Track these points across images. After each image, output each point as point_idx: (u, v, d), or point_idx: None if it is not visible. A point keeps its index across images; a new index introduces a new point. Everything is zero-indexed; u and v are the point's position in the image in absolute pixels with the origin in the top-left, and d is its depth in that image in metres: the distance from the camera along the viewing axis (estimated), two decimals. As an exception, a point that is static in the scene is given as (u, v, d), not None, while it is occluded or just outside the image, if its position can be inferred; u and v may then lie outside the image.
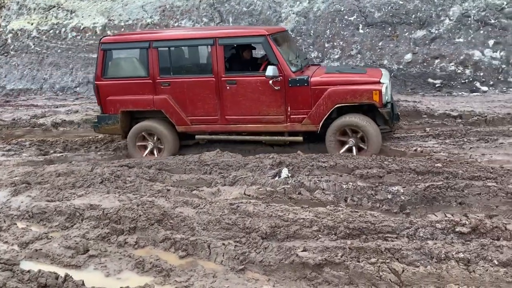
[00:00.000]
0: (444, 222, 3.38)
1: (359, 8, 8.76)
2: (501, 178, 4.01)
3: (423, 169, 4.35)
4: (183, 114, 5.41)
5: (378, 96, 4.94)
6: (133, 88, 5.49)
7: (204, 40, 5.36)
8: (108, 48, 5.56)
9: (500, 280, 2.74)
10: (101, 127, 5.70)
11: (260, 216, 3.62)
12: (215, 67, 5.25)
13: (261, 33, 5.21)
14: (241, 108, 5.28)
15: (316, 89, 5.10)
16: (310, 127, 5.20)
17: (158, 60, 5.38)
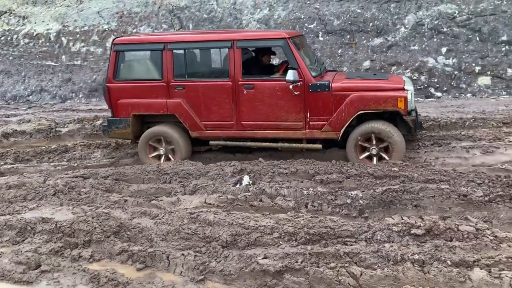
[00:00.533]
0: (400, 224, 3.46)
1: (318, 16, 8.95)
2: (453, 181, 4.17)
3: (381, 173, 4.45)
4: (197, 119, 5.22)
5: (403, 103, 4.77)
6: (146, 91, 5.29)
7: (222, 42, 5.17)
8: (121, 49, 5.33)
9: (454, 280, 2.82)
10: (112, 131, 5.45)
11: (221, 225, 3.57)
12: (232, 70, 5.08)
13: (281, 36, 5.04)
14: (258, 113, 5.09)
15: (338, 95, 4.92)
16: (330, 134, 5.01)
17: (172, 62, 5.19)
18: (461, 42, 8.23)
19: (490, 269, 2.88)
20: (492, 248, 3.07)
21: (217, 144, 5.40)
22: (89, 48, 9.78)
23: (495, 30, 8.03)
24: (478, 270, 2.87)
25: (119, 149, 6.07)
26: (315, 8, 8.81)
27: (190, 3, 9.20)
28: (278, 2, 8.83)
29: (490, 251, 3.05)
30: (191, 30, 9.26)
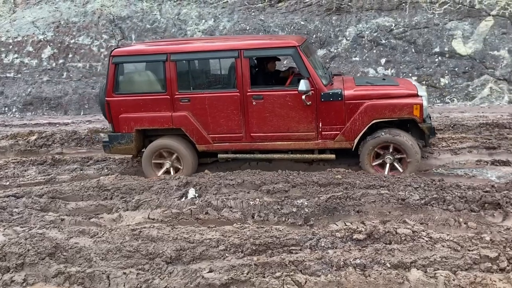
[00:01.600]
0: (343, 230, 3.55)
1: (263, 28, 9.09)
2: (392, 186, 4.34)
3: (325, 181, 4.55)
4: (204, 132, 5.00)
5: (419, 110, 4.64)
6: (149, 104, 5.01)
7: (228, 52, 4.92)
8: (120, 61, 5.02)
9: (392, 282, 2.92)
10: (113, 147, 5.14)
11: (165, 240, 3.48)
12: (239, 81, 4.86)
13: (291, 44, 4.80)
14: (268, 124, 4.92)
15: (351, 104, 4.76)
16: (344, 144, 4.87)
17: (176, 74, 4.94)
18: (398, 53, 8.67)
19: (426, 269, 3.02)
20: (427, 249, 3.22)
21: (226, 157, 5.21)
22: (23, 60, 9.27)
23: (429, 42, 8.54)
24: (415, 270, 3.00)
25: (56, 166, 5.75)
26: (260, 20, 8.94)
27: (132, 13, 9.01)
28: (223, 13, 8.87)
29: (426, 251, 3.20)
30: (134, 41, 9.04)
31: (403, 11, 8.78)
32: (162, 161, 5.16)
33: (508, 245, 3.12)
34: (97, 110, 8.26)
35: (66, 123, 8.05)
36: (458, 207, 3.85)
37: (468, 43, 8.27)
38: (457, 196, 3.97)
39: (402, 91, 4.83)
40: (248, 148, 5.06)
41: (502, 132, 5.89)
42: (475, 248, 3.14)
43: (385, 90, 4.86)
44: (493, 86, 8.03)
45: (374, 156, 4.84)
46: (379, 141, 4.76)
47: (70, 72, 9.36)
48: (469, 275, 2.89)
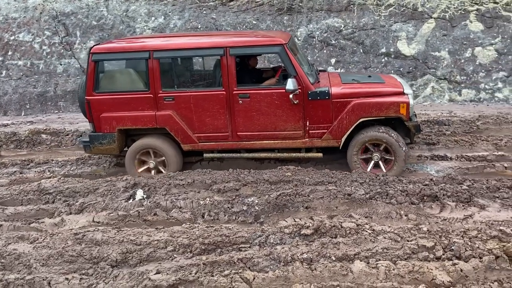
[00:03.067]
0: (291, 226, 3.61)
1: (215, 26, 9.05)
2: (339, 182, 4.47)
3: (276, 179, 4.61)
4: (190, 131, 4.89)
5: (406, 109, 4.67)
6: (131, 103, 4.83)
7: (213, 50, 4.79)
8: (100, 59, 4.81)
9: (337, 274, 3.02)
10: (94, 147, 4.94)
11: (110, 243, 3.38)
12: (225, 79, 4.76)
13: (278, 42, 4.70)
14: (255, 123, 4.85)
15: (338, 102, 4.75)
16: (331, 142, 4.86)
17: (159, 72, 4.76)
18: (347, 53, 8.93)
19: (369, 260, 3.14)
20: (370, 241, 3.35)
21: (212, 157, 5.13)
22: (-44, 58, 8.68)
23: (376, 43, 8.87)
24: (358, 262, 3.11)
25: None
26: (212, 18, 8.90)
27: (76, 9, 8.67)
28: (173, 11, 8.74)
29: (369, 243, 3.32)
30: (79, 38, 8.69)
31: (351, 13, 9.06)
32: (146, 159, 5.03)
33: (443, 235, 3.31)
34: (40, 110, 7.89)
35: (5, 124, 7.62)
36: (399, 200, 4.04)
37: (412, 44, 8.66)
38: (399, 190, 4.16)
39: (388, 89, 4.84)
40: (235, 147, 5.01)
41: (441, 129, 6.23)
42: (413, 238, 3.30)
43: (372, 88, 4.87)
44: (435, 85, 8.47)
45: (362, 152, 4.87)
46: (366, 139, 4.77)
47: (9, 70, 8.87)
48: (408, 264, 3.03)
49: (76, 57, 8.82)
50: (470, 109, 7.34)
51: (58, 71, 8.99)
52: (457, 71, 8.28)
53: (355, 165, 4.86)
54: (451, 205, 3.90)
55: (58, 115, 8.42)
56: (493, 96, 7.99)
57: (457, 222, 3.67)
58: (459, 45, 8.40)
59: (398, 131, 4.85)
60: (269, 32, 5.51)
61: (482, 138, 5.67)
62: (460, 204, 3.92)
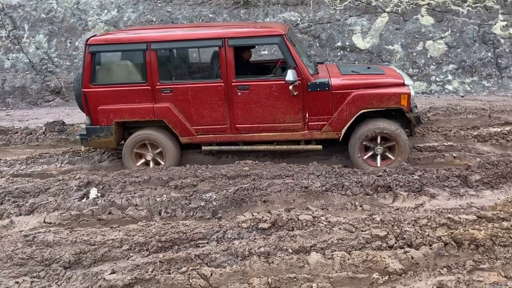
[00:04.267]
0: (249, 221, 3.62)
1: (171, 20, 8.88)
2: (297, 175, 4.53)
3: (233, 173, 4.60)
4: (188, 123, 4.83)
5: (407, 100, 4.63)
6: (129, 95, 4.76)
7: (211, 41, 4.71)
8: (96, 50, 4.72)
9: (294, 266, 3.06)
10: (92, 140, 4.88)
11: (63, 244, 3.27)
12: (224, 71, 4.70)
13: (277, 33, 4.68)
14: (254, 115, 4.79)
15: (338, 94, 4.70)
16: (331, 134, 4.82)
17: (157, 63, 4.68)
18: (304, 47, 9.05)
19: (324, 251, 3.21)
20: (326, 233, 3.42)
21: (210, 150, 5.06)
22: None
23: (332, 37, 9.03)
24: (315, 253, 3.17)
25: None
26: (167, 11, 8.72)
27: (24, 1, 8.23)
28: (127, 3, 8.49)
29: (325, 235, 3.39)
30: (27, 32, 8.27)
31: (307, 7, 9.15)
32: (144, 152, 4.98)
33: (395, 224, 3.43)
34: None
35: None
36: (354, 191, 4.14)
37: (366, 38, 8.88)
38: (354, 181, 4.27)
39: (389, 80, 4.81)
40: (233, 140, 4.97)
41: (395, 121, 6.43)
42: (367, 228, 3.40)
43: (372, 79, 4.84)
44: (389, 78, 8.75)
45: (364, 151, 4.82)
46: (367, 131, 4.72)
47: (-49, 65, 8.32)
48: (362, 253, 3.12)
49: (24, 52, 8.39)
50: (422, 101, 7.63)
51: (6, 66, 8.52)
52: (410, 64, 8.59)
53: (356, 159, 4.81)
54: (403, 195, 4.05)
55: (6, 112, 8.01)
56: (444, 88, 8.36)
57: (409, 211, 3.82)
58: (411, 38, 8.70)
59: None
60: (267, 23, 5.41)
61: (432, 129, 5.92)
62: (412, 193, 4.07)
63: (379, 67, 5.72)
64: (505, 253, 3.01)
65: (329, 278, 2.94)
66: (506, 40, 8.32)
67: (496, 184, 4.01)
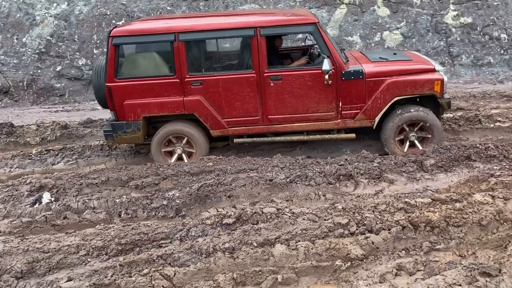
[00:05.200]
0: (213, 217, 3.56)
1: (126, 13, 8.62)
2: (261, 168, 4.49)
3: (197, 170, 4.51)
4: (219, 116, 4.72)
5: (440, 86, 4.60)
6: (156, 89, 4.62)
7: (243, 30, 4.56)
8: (121, 42, 4.53)
9: (259, 259, 3.04)
10: (118, 136, 4.73)
11: (14, 254, 3.09)
12: (256, 61, 4.57)
13: (310, 21, 4.57)
14: (287, 106, 4.69)
15: (371, 81, 4.63)
16: (364, 122, 4.75)
17: (186, 55, 4.53)
18: (331, 35, 9.03)
19: (289, 242, 3.20)
20: (290, 224, 3.41)
21: (242, 142, 4.93)
22: None
23: (292, 30, 9.04)
24: (279, 245, 3.15)
25: None
26: (122, 4, 8.44)
27: (-34, -3, 7.76)
28: (78, -3, 8.18)
29: (289, 226, 3.38)
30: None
31: (267, -1, 9.13)
32: (172, 148, 4.88)
33: (356, 211, 3.47)
34: None
35: None
36: (318, 181, 4.16)
37: (327, 29, 8.96)
38: (317, 171, 4.28)
39: (420, 67, 4.78)
40: (266, 131, 4.88)
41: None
42: (330, 217, 3.42)
43: (405, 66, 4.79)
44: (349, 69, 8.88)
45: (400, 141, 4.81)
46: (405, 119, 4.68)
47: None
48: (325, 242, 3.14)
49: (-33, 48, 7.89)
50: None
51: None
52: (368, 55, 8.73)
53: (391, 145, 4.77)
54: (363, 182, 4.11)
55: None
56: (400, 77, 8.55)
57: (369, 197, 3.88)
58: (369, 29, 8.86)
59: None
60: (297, 10, 5.30)
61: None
62: (372, 180, 4.14)
63: (404, 52, 5.63)
64: (458, 233, 3.11)
65: (294, 269, 2.93)
66: (457, 29, 8.62)
67: (449, 167, 4.14)
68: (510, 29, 8.77)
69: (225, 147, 5.28)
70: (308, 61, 5.08)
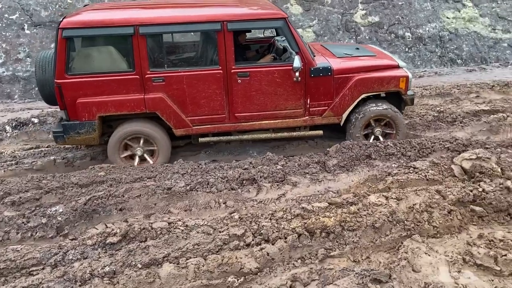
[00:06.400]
0: (95, 236, 3.18)
1: (21, 6, 7.76)
2: (160, 175, 4.17)
3: (87, 181, 4.08)
4: (183, 114, 4.47)
5: (405, 83, 4.69)
6: (113, 86, 4.26)
7: (209, 24, 4.27)
8: (72, 35, 4.11)
9: (143, 283, 2.74)
10: (70, 137, 4.36)
11: None
12: (222, 57, 4.34)
13: (280, 16, 4.40)
14: (254, 103, 4.54)
15: (340, 78, 4.59)
16: (332, 119, 4.73)
17: (147, 49, 4.20)
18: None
19: (179, 260, 2.94)
20: (182, 239, 3.14)
21: (208, 141, 4.72)
22: None
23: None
24: (167, 265, 2.88)
25: None
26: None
27: None
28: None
29: (181, 241, 3.12)
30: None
31: None
32: (131, 152, 4.55)
33: (253, 220, 3.29)
34: None
35: None
36: (219, 188, 3.93)
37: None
38: (219, 177, 4.05)
39: (385, 62, 4.81)
40: (232, 130, 4.68)
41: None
42: (225, 228, 3.21)
43: (371, 62, 4.79)
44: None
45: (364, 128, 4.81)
46: (370, 116, 4.72)
47: None
48: (218, 257, 2.92)
49: None
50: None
51: None
52: (282, 53, 8.71)
53: (358, 140, 4.76)
54: (266, 186, 3.95)
55: None
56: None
57: (271, 202, 3.73)
58: (282, 27, 8.81)
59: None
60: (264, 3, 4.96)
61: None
62: (275, 184, 3.99)
63: (364, 46, 5.67)
64: (353, 237, 3.05)
65: (180, 291, 2.68)
66: (365, 27, 8.89)
67: (351, 166, 4.13)
68: (413, 28, 9.24)
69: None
70: (274, 57, 4.93)
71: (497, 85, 6.61)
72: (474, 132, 5.11)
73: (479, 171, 3.74)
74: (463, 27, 9.46)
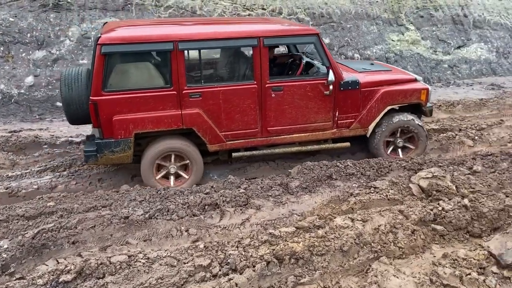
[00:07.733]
0: (47, 275, 2.91)
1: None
2: (116, 203, 3.93)
3: (34, 212, 3.76)
4: (217, 130, 4.48)
5: (425, 95, 4.96)
6: (150, 102, 4.22)
7: (246, 40, 4.37)
8: (111, 51, 4.02)
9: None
10: (103, 156, 4.24)
11: None
12: (258, 72, 4.42)
13: (313, 32, 4.57)
14: (286, 117, 4.64)
15: (366, 91, 4.80)
16: (359, 131, 4.91)
17: (184, 65, 4.20)
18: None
19: (140, 297, 2.74)
20: (144, 273, 2.95)
21: (241, 156, 4.73)
22: None
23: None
24: (128, 304, 2.67)
25: None
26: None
27: None
28: None
29: (143, 276, 2.92)
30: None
31: (129, 13, 8.52)
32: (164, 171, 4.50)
33: (220, 249, 3.17)
34: None
35: None
36: (180, 214, 3.76)
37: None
38: (180, 203, 3.89)
39: (404, 77, 5.08)
40: (264, 144, 4.73)
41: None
42: (190, 259, 3.05)
43: (392, 76, 5.05)
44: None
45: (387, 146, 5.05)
46: (393, 127, 4.94)
47: None
48: (183, 292, 2.76)
49: None
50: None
51: None
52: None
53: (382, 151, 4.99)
54: (230, 211, 3.83)
55: None
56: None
57: (235, 228, 3.62)
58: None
59: None
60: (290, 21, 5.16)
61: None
62: (239, 208, 3.88)
63: (377, 63, 5.97)
64: (322, 262, 3.01)
65: (143, 334, 2.48)
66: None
67: (313, 188, 4.12)
68: (361, 49, 9.63)
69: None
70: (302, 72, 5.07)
71: (443, 104, 6.99)
72: (426, 151, 5.32)
73: (436, 189, 3.87)
74: (407, 49, 10.00)
